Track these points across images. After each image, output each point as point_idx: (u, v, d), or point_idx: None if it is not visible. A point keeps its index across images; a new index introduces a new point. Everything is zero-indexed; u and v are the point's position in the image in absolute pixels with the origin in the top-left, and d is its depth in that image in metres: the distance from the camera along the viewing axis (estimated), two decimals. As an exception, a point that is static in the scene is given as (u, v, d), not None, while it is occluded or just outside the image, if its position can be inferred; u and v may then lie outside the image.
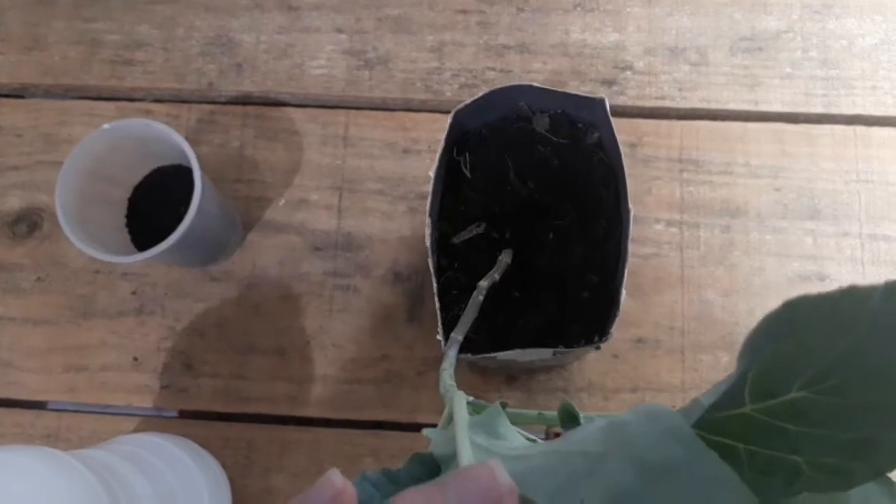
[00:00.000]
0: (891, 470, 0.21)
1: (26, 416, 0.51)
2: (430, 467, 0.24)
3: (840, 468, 0.21)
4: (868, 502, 0.26)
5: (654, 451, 0.17)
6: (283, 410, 0.50)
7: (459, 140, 0.41)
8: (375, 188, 0.53)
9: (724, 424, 0.21)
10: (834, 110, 0.53)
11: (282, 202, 0.53)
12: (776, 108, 0.53)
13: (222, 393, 0.51)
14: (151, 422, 0.51)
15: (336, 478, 0.20)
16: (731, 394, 0.19)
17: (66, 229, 0.43)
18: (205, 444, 0.49)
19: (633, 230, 0.41)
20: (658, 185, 0.52)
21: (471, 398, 0.29)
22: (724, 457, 0.16)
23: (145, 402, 0.51)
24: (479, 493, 0.18)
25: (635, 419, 0.18)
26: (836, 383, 0.19)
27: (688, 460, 0.16)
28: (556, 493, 0.18)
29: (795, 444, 0.21)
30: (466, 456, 0.20)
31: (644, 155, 0.52)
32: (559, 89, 0.39)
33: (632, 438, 0.17)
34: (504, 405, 0.26)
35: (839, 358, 0.18)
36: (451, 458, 0.23)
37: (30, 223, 0.53)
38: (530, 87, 0.39)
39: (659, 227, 0.51)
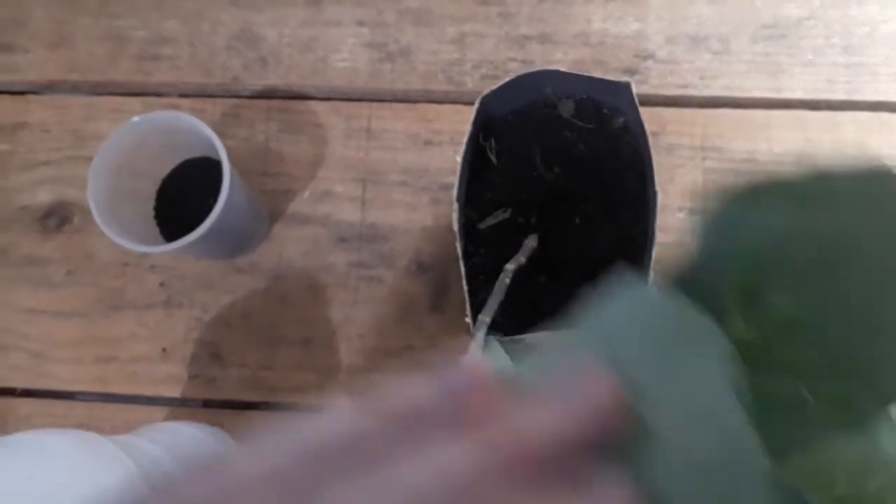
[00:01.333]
0: None
1: (58, 406, 0.52)
2: None
3: (844, 396, 0.20)
4: None
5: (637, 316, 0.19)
6: (310, 400, 0.51)
7: (486, 126, 0.42)
8: (398, 180, 0.53)
9: None
10: (857, 97, 0.53)
11: (306, 194, 0.54)
12: (799, 95, 0.53)
13: (250, 382, 0.51)
14: (179, 411, 0.51)
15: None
16: (704, 271, 0.19)
17: (99, 221, 0.44)
18: (231, 434, 0.50)
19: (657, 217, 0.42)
20: (681, 174, 0.52)
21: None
22: None
23: (174, 392, 0.51)
24: (462, 380, 0.18)
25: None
26: (819, 289, 0.19)
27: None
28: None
29: (795, 367, 0.20)
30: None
31: (667, 143, 0.53)
32: (585, 73, 0.39)
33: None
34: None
35: (817, 251, 0.18)
36: None
37: (60, 217, 0.54)
38: (557, 72, 0.39)
39: (682, 215, 0.51)
